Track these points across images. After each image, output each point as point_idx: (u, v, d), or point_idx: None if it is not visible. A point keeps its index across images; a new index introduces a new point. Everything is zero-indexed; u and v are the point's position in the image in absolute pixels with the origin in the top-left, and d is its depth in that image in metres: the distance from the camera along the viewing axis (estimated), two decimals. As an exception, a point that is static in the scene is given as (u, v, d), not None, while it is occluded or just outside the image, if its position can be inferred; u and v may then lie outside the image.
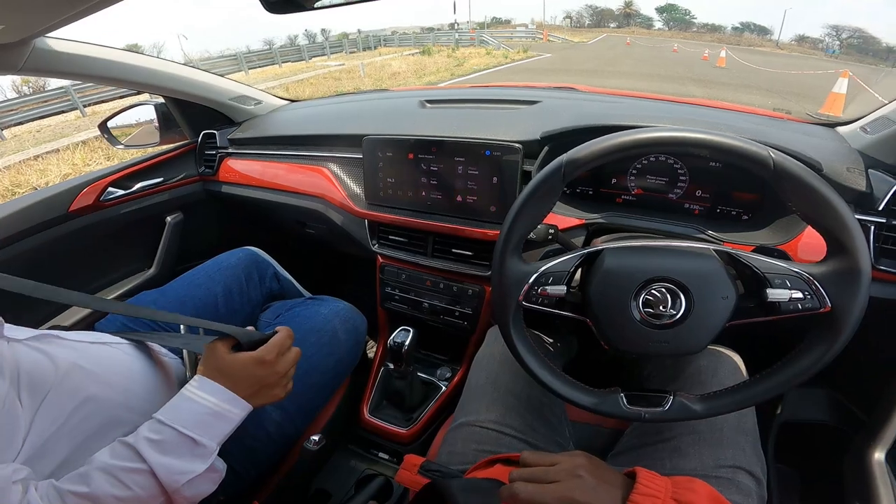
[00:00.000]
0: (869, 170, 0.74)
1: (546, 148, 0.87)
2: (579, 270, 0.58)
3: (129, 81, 1.14)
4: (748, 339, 0.66)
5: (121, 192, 1.20)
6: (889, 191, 0.69)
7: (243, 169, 1.30)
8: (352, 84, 10.20)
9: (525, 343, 0.59)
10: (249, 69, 14.19)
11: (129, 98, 9.96)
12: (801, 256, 0.68)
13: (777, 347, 0.57)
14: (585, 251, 0.58)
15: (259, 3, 0.65)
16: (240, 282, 1.01)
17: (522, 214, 0.57)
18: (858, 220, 0.57)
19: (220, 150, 1.33)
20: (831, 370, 0.51)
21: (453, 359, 1.15)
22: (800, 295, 0.49)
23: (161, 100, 1.32)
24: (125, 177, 1.22)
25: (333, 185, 1.11)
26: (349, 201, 1.07)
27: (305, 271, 1.22)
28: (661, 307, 0.53)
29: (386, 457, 1.05)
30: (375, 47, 21.76)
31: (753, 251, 0.54)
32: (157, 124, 1.33)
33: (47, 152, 6.52)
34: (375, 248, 1.08)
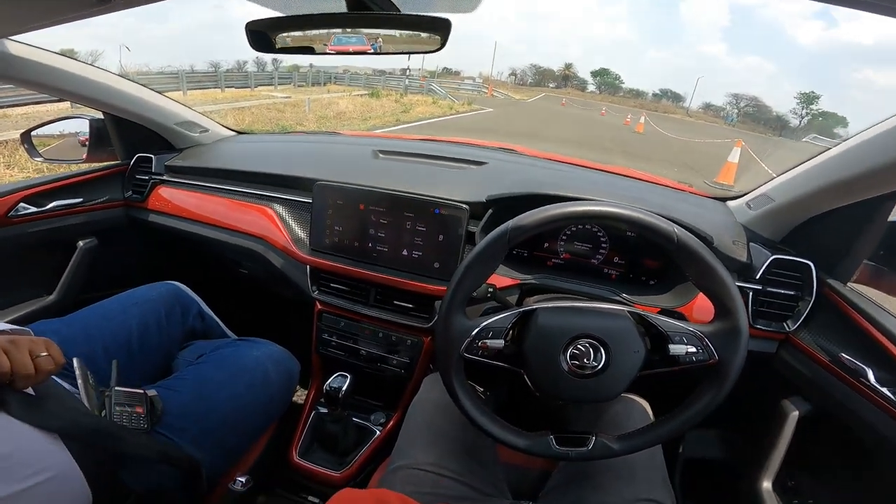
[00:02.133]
0: (750, 242, 0.89)
1: (490, 211, 0.93)
2: (515, 326, 0.64)
3: (76, 94, 1.08)
4: (654, 387, 0.76)
5: (33, 209, 1.10)
6: (765, 262, 0.85)
7: (177, 199, 1.24)
8: (294, 118, 10.06)
9: (465, 390, 0.64)
10: (189, 90, 13.56)
11: (47, 105, 9.08)
12: (696, 317, 0.81)
13: (677, 394, 0.65)
14: (522, 310, 0.63)
15: (246, 39, 0.66)
16: (158, 317, 0.95)
17: (469, 273, 0.62)
18: (739, 287, 0.69)
19: (153, 176, 1.27)
20: (722, 412, 0.60)
21: (388, 404, 1.14)
22: (694, 349, 0.59)
23: (98, 114, 1.25)
24: (41, 193, 1.12)
25: (277, 226, 1.09)
26: (292, 245, 1.06)
27: (233, 311, 1.16)
28: (585, 359, 0.60)
29: (316, 501, 1.01)
30: (325, 83, 21.85)
31: (659, 313, 0.63)
32: (83, 139, 1.25)
33: (-62, 154, 5.68)
34: (315, 294, 1.06)
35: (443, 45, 0.66)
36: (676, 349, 0.59)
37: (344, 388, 0.93)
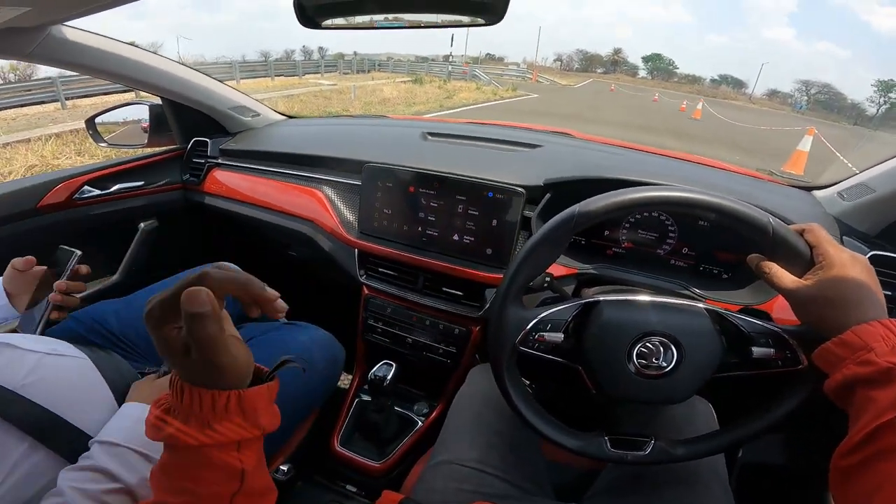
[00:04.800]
0: (843, 237, 0.80)
1: (548, 195, 0.87)
2: (575, 319, 0.59)
3: (134, 79, 1.10)
4: (719, 387, 0.70)
5: (97, 191, 1.14)
6: None
7: (231, 182, 1.25)
8: (341, 105, 10.30)
9: (517, 386, 0.61)
10: (241, 78, 14.15)
11: (114, 95, 9.73)
12: (778, 315, 0.72)
13: (745, 395, 0.61)
14: (584, 301, 0.59)
15: (295, 15, 0.64)
16: None
17: (530, 260, 0.58)
18: None
19: (209, 160, 1.29)
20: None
21: (431, 394, 1.11)
22: (780, 353, 0.53)
23: (157, 100, 1.28)
24: (104, 176, 1.16)
25: (326, 209, 1.07)
26: (341, 228, 1.04)
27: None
28: (653, 359, 0.55)
29: (354, 490, 1.01)
30: (369, 71, 22.14)
31: (740, 311, 0.57)
32: (145, 125, 1.28)
33: (17, 141, 6.24)
34: (363, 278, 1.04)
35: (502, 16, 0.61)
36: (761, 352, 0.53)
37: (389, 377, 0.91)
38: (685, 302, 0.58)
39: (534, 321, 0.57)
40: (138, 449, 0.54)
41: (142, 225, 1.25)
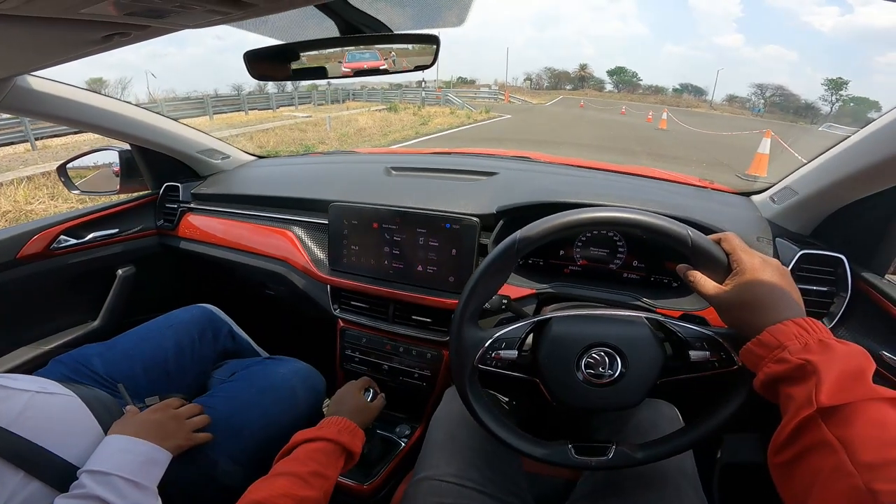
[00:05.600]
0: (776, 238, 0.85)
1: (501, 221, 0.94)
2: (530, 336, 0.64)
3: (101, 127, 1.14)
4: (682, 391, 0.74)
5: (73, 241, 1.17)
6: (793, 258, 0.80)
7: (204, 226, 1.29)
8: (317, 137, 10.33)
9: (480, 401, 0.64)
10: (215, 114, 14.12)
11: (85, 135, 9.57)
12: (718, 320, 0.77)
13: (707, 396, 0.64)
14: (535, 319, 0.63)
15: (246, 69, 0.70)
16: (192, 338, 1.00)
17: (479, 286, 0.62)
18: None
19: (181, 205, 1.33)
20: (761, 414, 0.57)
21: (412, 416, 1.14)
22: (716, 355, 0.57)
23: (126, 146, 1.31)
24: (79, 225, 1.19)
25: (297, 248, 1.12)
26: (312, 266, 1.09)
27: (263, 331, 1.20)
28: (600, 368, 0.59)
29: None
30: (344, 101, 22.31)
31: (679, 318, 0.61)
32: (116, 169, 1.31)
33: (-13, 186, 6.10)
34: (337, 312, 1.09)
35: (435, 59, 0.70)
36: (697, 355, 0.57)
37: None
38: (626, 313, 0.63)
39: (490, 340, 0.61)
40: (126, 476, 0.58)
41: (119, 271, 1.27)
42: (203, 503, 0.75)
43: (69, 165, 1.29)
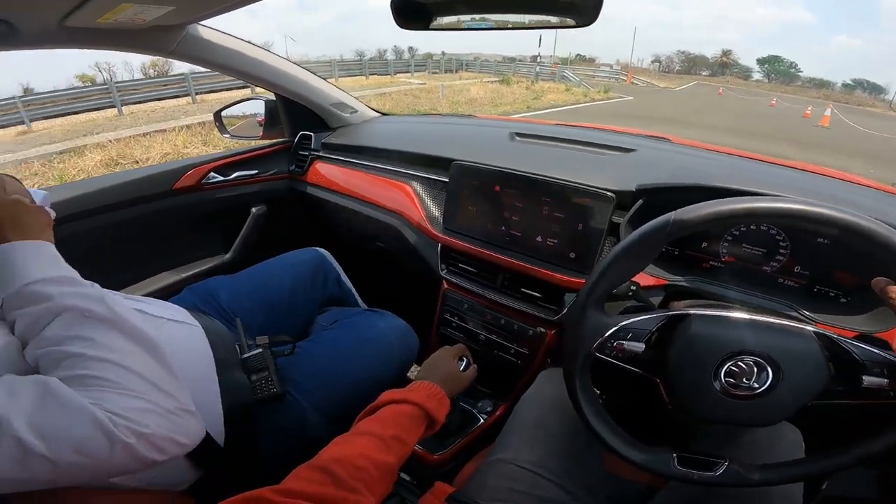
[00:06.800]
0: None
1: (640, 201, 0.84)
2: (659, 331, 0.57)
3: (256, 76, 1.24)
4: (810, 416, 0.63)
5: (220, 177, 1.31)
6: None
7: (329, 173, 1.36)
8: (429, 104, 10.57)
9: (587, 393, 0.60)
10: (340, 76, 15.15)
11: (236, 91, 10.90)
12: None
13: (837, 426, 0.57)
14: (672, 313, 0.56)
15: (392, 17, 0.68)
16: (305, 281, 1.05)
17: (614, 267, 0.56)
18: None
19: (312, 153, 1.41)
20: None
21: (497, 394, 1.11)
22: (894, 385, 0.49)
23: (271, 97, 1.42)
24: (225, 165, 1.33)
25: (414, 203, 1.13)
26: (426, 222, 1.08)
27: (365, 283, 1.24)
28: (744, 379, 0.52)
29: (407, 478, 1.03)
30: (457, 70, 22.47)
31: (855, 338, 0.52)
32: (260, 119, 1.43)
33: (155, 131, 7.32)
34: (444, 273, 1.07)
35: (594, 18, 0.60)
36: (872, 381, 0.49)
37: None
38: (789, 323, 0.53)
39: (614, 328, 0.56)
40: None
41: (253, 209, 1.40)
42: (287, 453, 0.77)
43: (223, 113, 1.44)
